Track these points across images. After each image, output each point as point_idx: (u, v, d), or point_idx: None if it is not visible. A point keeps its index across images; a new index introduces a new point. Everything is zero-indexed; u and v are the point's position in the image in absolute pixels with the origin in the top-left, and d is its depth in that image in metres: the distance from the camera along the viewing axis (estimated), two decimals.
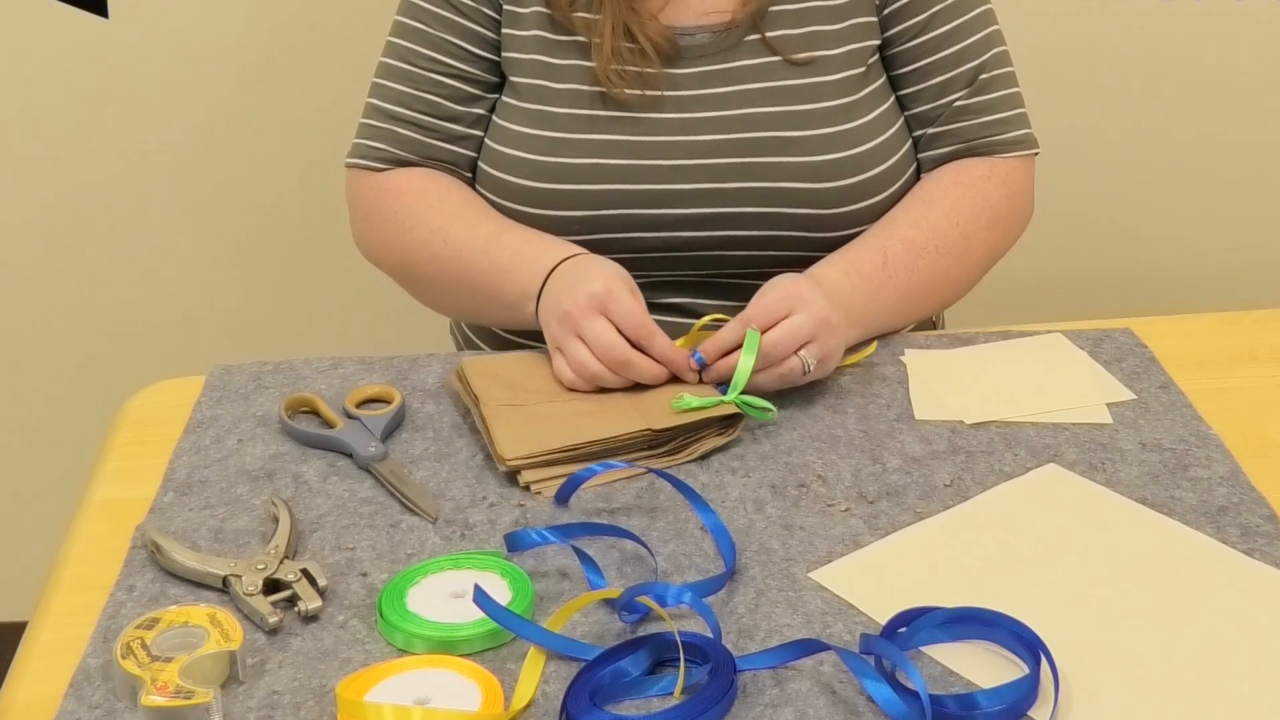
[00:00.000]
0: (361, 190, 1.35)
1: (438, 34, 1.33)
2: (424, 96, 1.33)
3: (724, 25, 1.30)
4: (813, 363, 1.15)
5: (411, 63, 1.33)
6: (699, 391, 1.14)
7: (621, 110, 1.29)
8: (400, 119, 1.33)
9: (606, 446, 1.09)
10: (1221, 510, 1.04)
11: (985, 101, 1.33)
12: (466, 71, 1.33)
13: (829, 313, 1.15)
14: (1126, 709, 0.86)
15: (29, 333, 2.02)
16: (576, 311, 1.15)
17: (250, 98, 1.92)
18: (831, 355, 1.17)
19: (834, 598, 0.96)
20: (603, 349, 1.14)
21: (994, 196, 1.32)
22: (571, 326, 1.15)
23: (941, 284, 1.29)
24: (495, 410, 1.13)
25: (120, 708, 0.87)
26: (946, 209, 1.30)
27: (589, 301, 1.14)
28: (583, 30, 1.30)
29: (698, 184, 1.28)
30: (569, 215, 1.29)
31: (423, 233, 1.30)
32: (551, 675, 0.89)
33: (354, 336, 1.99)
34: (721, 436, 1.12)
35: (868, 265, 1.25)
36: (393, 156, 1.33)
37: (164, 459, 1.13)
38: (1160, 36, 1.94)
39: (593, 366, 1.14)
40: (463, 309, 1.38)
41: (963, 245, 1.29)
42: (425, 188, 1.32)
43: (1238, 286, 2.06)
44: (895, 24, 1.33)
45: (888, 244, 1.27)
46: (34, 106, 1.90)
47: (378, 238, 1.34)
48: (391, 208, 1.32)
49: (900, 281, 1.25)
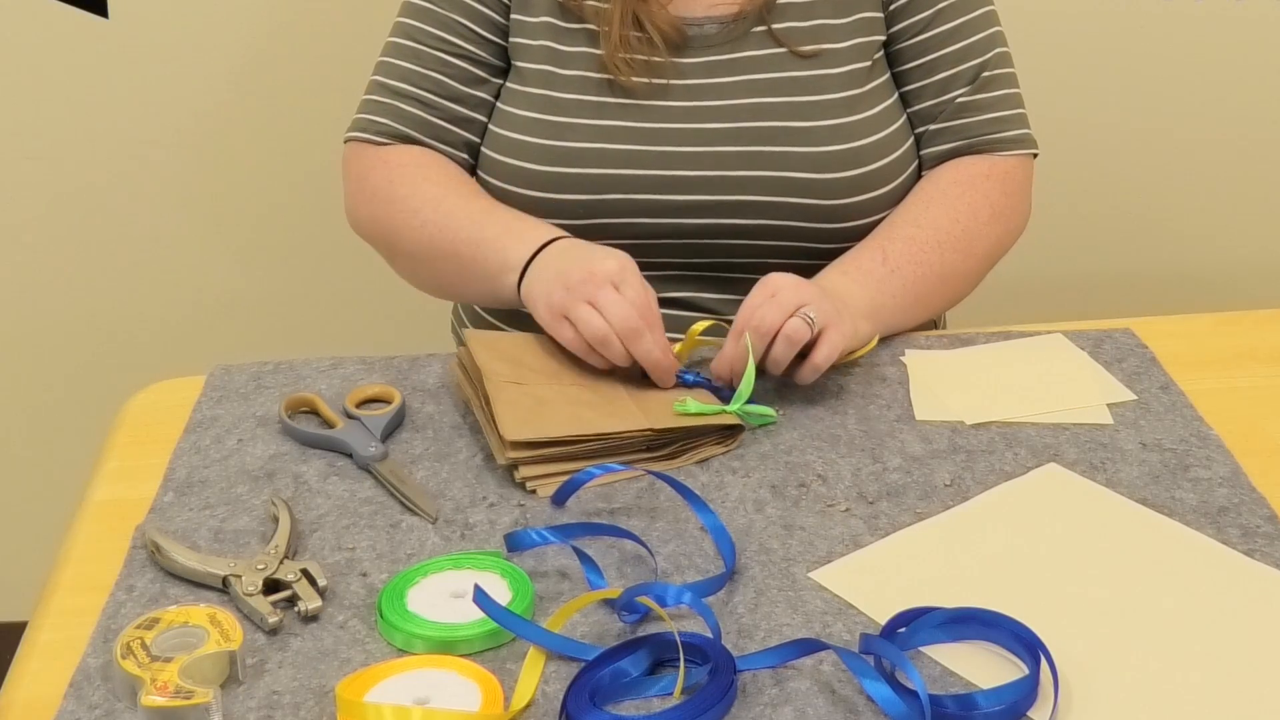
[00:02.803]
0: (357, 162, 1.36)
1: (447, 14, 1.34)
2: (430, 75, 1.34)
3: (732, 17, 1.31)
4: (814, 314, 1.13)
5: (420, 41, 1.34)
6: (702, 398, 1.14)
7: (628, 97, 1.30)
8: (405, 95, 1.34)
9: (606, 444, 1.09)
10: (1222, 511, 1.04)
11: (987, 99, 1.34)
12: (473, 53, 1.34)
13: (809, 287, 1.15)
14: (1126, 709, 0.86)
15: (29, 333, 2.02)
16: (592, 281, 1.14)
17: (251, 98, 1.92)
18: (833, 318, 1.15)
19: (834, 598, 0.96)
20: (617, 317, 1.12)
21: (993, 195, 1.32)
22: (584, 295, 1.14)
23: (948, 278, 1.29)
24: (499, 385, 1.12)
25: (120, 708, 0.87)
26: (946, 207, 1.30)
27: (605, 274, 1.14)
28: (592, 18, 1.31)
29: (702, 171, 1.29)
30: (572, 199, 1.29)
31: (415, 201, 1.30)
32: (551, 675, 0.89)
33: (354, 336, 1.99)
34: (720, 446, 1.12)
35: (867, 263, 1.25)
36: (394, 131, 1.34)
37: (164, 459, 1.13)
38: (1161, 37, 1.94)
39: (602, 330, 1.13)
40: (441, 282, 1.36)
41: (966, 241, 1.29)
42: (424, 162, 1.33)
43: (1238, 286, 2.06)
44: (900, 20, 1.33)
45: (886, 243, 1.27)
46: (34, 106, 1.90)
47: (367, 207, 1.34)
48: (386, 177, 1.32)
49: (905, 275, 1.25)
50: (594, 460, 1.08)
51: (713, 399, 1.15)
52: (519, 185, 1.31)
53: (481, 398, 1.14)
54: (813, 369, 1.15)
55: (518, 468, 1.08)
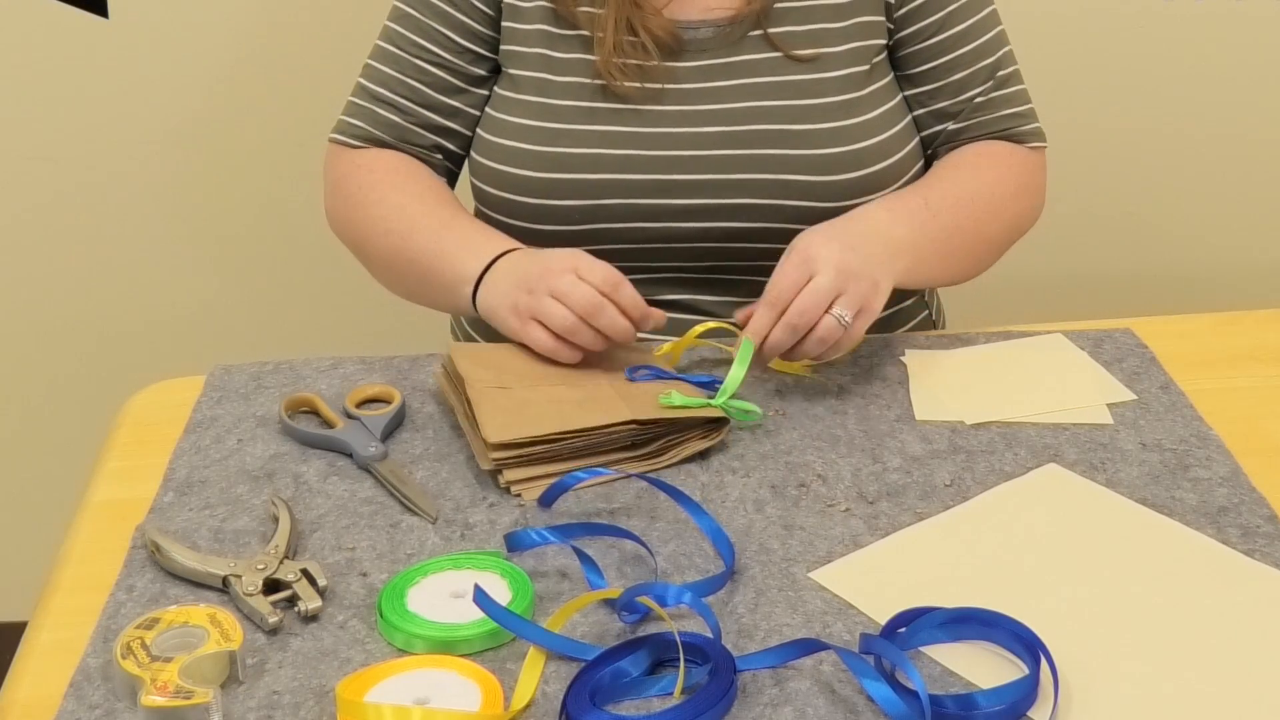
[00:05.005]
0: (335, 165, 1.37)
1: (428, 22, 1.34)
2: (406, 81, 1.34)
3: (727, 21, 1.31)
4: (848, 315, 1.14)
5: (400, 47, 1.35)
6: (687, 392, 1.14)
7: (623, 103, 1.30)
8: (381, 100, 1.35)
9: (590, 440, 1.09)
10: (1222, 511, 1.04)
11: (1003, 96, 1.36)
12: (452, 62, 1.34)
13: (847, 259, 1.15)
14: (1126, 709, 0.86)
15: (29, 333, 2.02)
16: (550, 274, 1.15)
17: (251, 97, 1.93)
18: (867, 301, 1.15)
19: (834, 598, 0.96)
20: (579, 299, 1.13)
21: (1017, 170, 1.35)
22: (545, 289, 1.15)
23: (978, 235, 1.30)
24: (481, 391, 1.12)
25: (120, 708, 0.87)
26: (976, 174, 1.32)
27: (561, 266, 1.15)
28: (586, 24, 1.31)
29: (700, 175, 1.29)
30: (568, 204, 1.29)
31: (382, 209, 1.31)
32: (551, 675, 0.89)
33: (354, 336, 1.99)
34: (705, 440, 1.11)
35: (911, 204, 1.26)
36: (369, 135, 1.35)
37: (164, 459, 1.13)
38: (1162, 36, 1.94)
39: (569, 319, 1.14)
40: (410, 290, 1.36)
41: (995, 205, 1.31)
42: (394, 168, 1.34)
43: (1238, 286, 2.06)
44: (910, 24, 1.33)
45: (928, 191, 1.28)
46: (34, 106, 1.90)
47: (341, 211, 1.36)
48: (357, 182, 1.34)
49: (944, 220, 1.26)
50: (578, 460, 1.08)
51: (698, 393, 1.14)
52: (515, 192, 1.31)
53: (465, 404, 1.14)
54: (831, 352, 1.16)
55: (502, 472, 1.08)
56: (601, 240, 1.29)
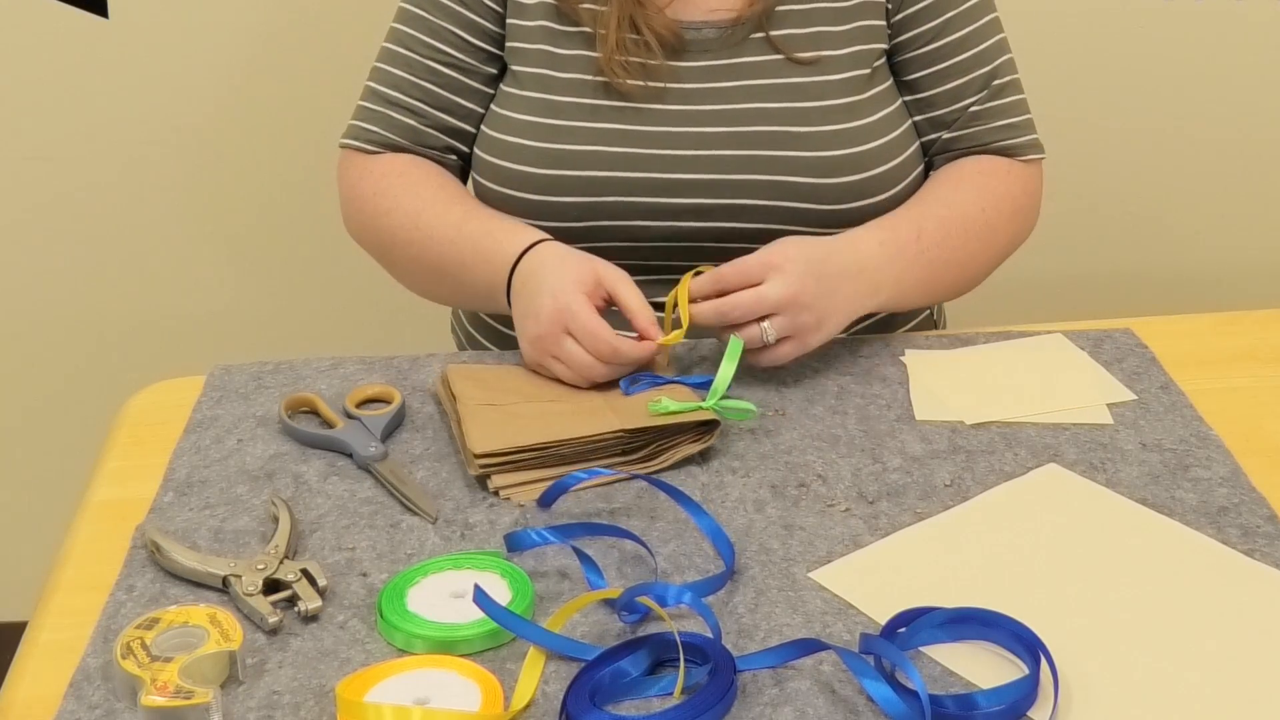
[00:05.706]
0: (350, 171, 1.36)
1: (439, 22, 1.34)
2: (420, 83, 1.34)
3: (730, 22, 1.31)
4: (773, 335, 1.16)
5: (411, 49, 1.34)
6: (680, 396, 1.14)
7: (625, 101, 1.30)
8: (395, 104, 1.34)
9: (579, 447, 1.09)
10: (1222, 511, 1.04)
11: (999, 106, 1.35)
12: (464, 62, 1.34)
13: (805, 286, 1.16)
14: (1126, 709, 0.86)
15: (29, 333, 2.02)
16: (544, 339, 1.17)
17: (252, 98, 1.93)
18: (801, 333, 1.17)
19: (834, 598, 0.96)
20: (581, 369, 1.16)
21: (1015, 190, 1.34)
22: (547, 350, 1.17)
23: (966, 266, 1.31)
24: (472, 409, 1.13)
25: (120, 708, 0.87)
26: (975, 194, 1.31)
27: (551, 323, 1.16)
28: (589, 22, 1.31)
29: (699, 174, 1.29)
30: (568, 201, 1.29)
31: (399, 217, 1.31)
32: (551, 675, 0.89)
33: (354, 336, 1.99)
34: (697, 443, 1.11)
35: (904, 236, 1.26)
36: (384, 140, 1.35)
37: (164, 459, 1.13)
38: (1161, 37, 1.94)
39: (575, 378, 1.17)
40: (443, 296, 1.38)
41: (988, 232, 1.31)
42: (406, 172, 1.33)
43: (1238, 286, 2.06)
44: (908, 29, 1.33)
45: (923, 220, 1.28)
46: (34, 106, 1.90)
47: (359, 218, 1.36)
48: (373, 189, 1.33)
49: (930, 258, 1.26)
50: (568, 465, 1.08)
51: (689, 395, 1.14)
52: (516, 188, 1.31)
53: (456, 419, 1.14)
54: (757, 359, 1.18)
55: (489, 478, 1.08)
56: (601, 238, 1.29)
